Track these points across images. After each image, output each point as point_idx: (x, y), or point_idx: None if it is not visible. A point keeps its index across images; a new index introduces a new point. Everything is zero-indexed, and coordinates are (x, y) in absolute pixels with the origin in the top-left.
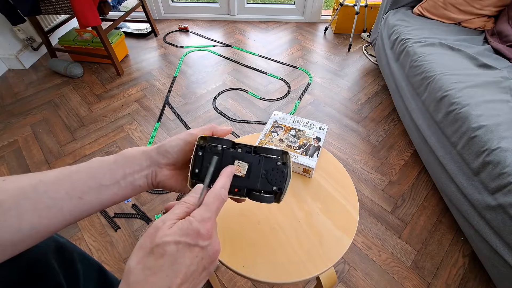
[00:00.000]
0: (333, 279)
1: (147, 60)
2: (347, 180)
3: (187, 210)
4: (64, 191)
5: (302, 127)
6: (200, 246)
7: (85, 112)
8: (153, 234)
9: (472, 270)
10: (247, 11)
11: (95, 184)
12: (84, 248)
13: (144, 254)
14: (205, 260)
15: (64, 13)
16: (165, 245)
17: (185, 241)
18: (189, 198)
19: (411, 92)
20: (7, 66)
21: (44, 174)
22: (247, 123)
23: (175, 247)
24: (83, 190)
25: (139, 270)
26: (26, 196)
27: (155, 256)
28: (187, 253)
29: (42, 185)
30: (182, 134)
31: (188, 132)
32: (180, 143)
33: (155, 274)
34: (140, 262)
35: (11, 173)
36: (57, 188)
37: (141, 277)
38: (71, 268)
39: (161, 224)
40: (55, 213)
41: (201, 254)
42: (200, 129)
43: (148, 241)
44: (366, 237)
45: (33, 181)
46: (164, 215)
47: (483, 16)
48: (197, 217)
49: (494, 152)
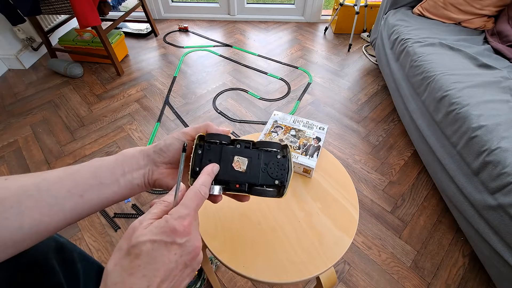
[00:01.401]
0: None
1: (147, 60)
2: (347, 180)
3: (165, 208)
4: (66, 189)
5: (302, 127)
6: (177, 244)
7: (85, 112)
8: (130, 234)
9: (472, 270)
10: (247, 11)
11: (95, 182)
12: (84, 248)
13: (120, 255)
14: (185, 257)
15: (64, 13)
16: (141, 244)
17: (160, 239)
18: (167, 196)
19: (411, 92)
20: (7, 66)
21: (46, 173)
22: (247, 123)
23: (150, 246)
24: (84, 188)
25: (116, 271)
26: (28, 194)
27: (131, 256)
28: (164, 251)
29: (44, 183)
30: (176, 133)
31: (182, 131)
32: (174, 142)
33: (132, 274)
34: (117, 263)
35: (11, 173)
36: (59, 187)
37: (118, 279)
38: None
39: (138, 224)
40: (57, 212)
41: (180, 251)
42: (194, 128)
43: (125, 242)
44: (366, 237)
45: (36, 179)
46: (142, 216)
47: (483, 16)
48: (174, 215)
49: (494, 152)
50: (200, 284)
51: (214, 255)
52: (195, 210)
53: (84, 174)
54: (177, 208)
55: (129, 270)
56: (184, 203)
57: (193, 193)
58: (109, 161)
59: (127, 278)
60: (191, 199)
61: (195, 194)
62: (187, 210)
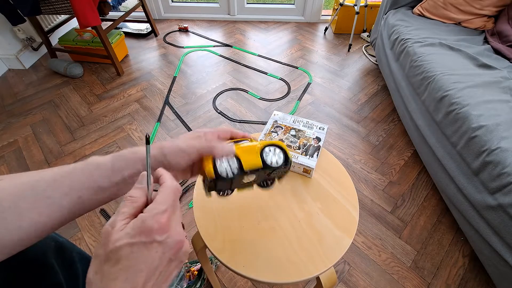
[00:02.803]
0: (333, 279)
1: (147, 60)
2: (347, 180)
3: (135, 205)
4: (63, 189)
5: (302, 127)
6: (157, 241)
7: (85, 112)
8: (105, 240)
9: (472, 270)
10: (247, 11)
11: (93, 185)
12: (84, 248)
13: (99, 262)
14: (168, 252)
15: (64, 13)
16: (119, 249)
17: (139, 241)
18: (134, 191)
19: (411, 92)
20: (7, 66)
21: (43, 172)
22: (247, 123)
23: (129, 249)
24: (82, 190)
25: (97, 279)
26: (25, 194)
27: (111, 262)
28: (144, 252)
29: (41, 183)
30: (183, 145)
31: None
32: (179, 153)
33: (114, 280)
34: (97, 271)
35: (11, 173)
36: (56, 186)
37: (101, 286)
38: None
39: (110, 228)
40: (54, 210)
41: (161, 248)
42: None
43: (101, 249)
44: (366, 237)
45: (32, 179)
46: (112, 218)
47: (483, 16)
48: (151, 212)
49: (494, 152)
50: (200, 284)
51: (214, 255)
52: (173, 206)
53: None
54: (152, 205)
55: (110, 276)
56: (161, 199)
57: (168, 188)
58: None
59: (110, 283)
60: (168, 194)
61: (171, 188)
62: (164, 206)
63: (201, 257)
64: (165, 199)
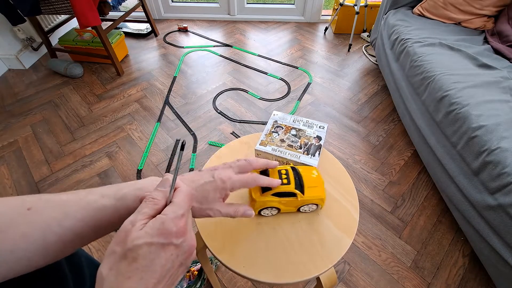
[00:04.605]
0: (333, 279)
1: (147, 60)
2: (347, 180)
3: (156, 207)
4: (90, 229)
5: (302, 127)
6: (174, 244)
7: (85, 112)
8: (124, 237)
9: (472, 270)
10: (247, 11)
11: (93, 224)
12: (85, 248)
13: (116, 259)
14: (181, 256)
15: (64, 13)
16: (138, 248)
17: (158, 242)
18: (156, 193)
19: (411, 92)
20: (7, 66)
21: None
22: (247, 123)
23: (147, 249)
24: (106, 229)
25: (112, 276)
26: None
27: (128, 260)
28: (161, 253)
29: (67, 221)
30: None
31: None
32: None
33: (129, 278)
34: (112, 268)
35: (11, 173)
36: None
37: (115, 283)
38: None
39: (130, 226)
40: (78, 244)
41: (176, 251)
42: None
43: (118, 246)
44: (366, 237)
45: (59, 214)
46: (132, 216)
47: (483, 16)
48: (170, 215)
49: (494, 152)
50: (200, 284)
51: (214, 255)
52: (188, 210)
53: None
54: (171, 208)
55: (126, 274)
56: (178, 202)
57: (184, 192)
58: (106, 210)
59: (125, 281)
60: (184, 199)
61: (186, 193)
62: (182, 210)
63: (201, 257)
64: (182, 203)
